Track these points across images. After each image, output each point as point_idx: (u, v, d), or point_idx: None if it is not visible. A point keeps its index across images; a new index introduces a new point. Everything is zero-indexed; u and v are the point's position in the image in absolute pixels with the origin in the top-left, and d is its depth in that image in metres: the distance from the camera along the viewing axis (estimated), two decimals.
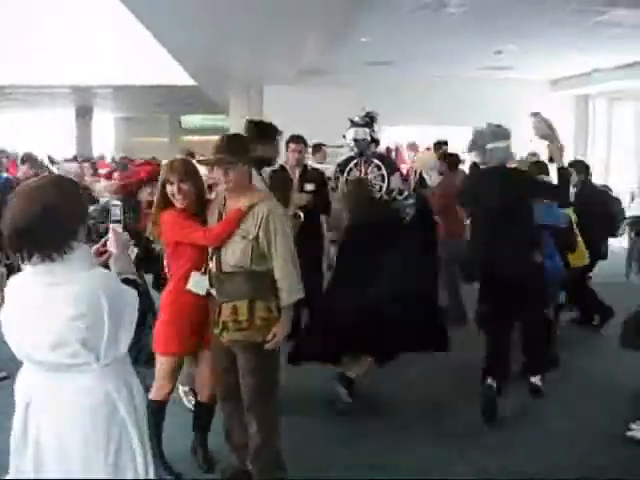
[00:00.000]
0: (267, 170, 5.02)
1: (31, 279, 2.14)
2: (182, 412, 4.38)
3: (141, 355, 3.49)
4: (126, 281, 2.30)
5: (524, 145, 9.11)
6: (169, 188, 3.52)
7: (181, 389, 4.65)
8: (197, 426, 3.95)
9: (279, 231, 3.29)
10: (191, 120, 24.42)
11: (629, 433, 4.24)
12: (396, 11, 8.61)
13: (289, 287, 3.31)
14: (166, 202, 3.57)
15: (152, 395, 3.64)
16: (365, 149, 6.00)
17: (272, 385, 3.46)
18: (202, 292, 3.49)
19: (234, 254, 3.32)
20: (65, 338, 2.07)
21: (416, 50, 11.11)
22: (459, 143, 13.23)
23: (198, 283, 3.49)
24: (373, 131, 6.09)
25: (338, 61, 11.92)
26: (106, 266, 2.37)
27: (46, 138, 20.22)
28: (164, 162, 3.93)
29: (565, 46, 10.76)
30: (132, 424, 2.22)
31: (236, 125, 14.23)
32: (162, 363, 3.65)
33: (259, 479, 3.48)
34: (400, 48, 10.93)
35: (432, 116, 13.62)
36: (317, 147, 9.04)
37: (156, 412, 3.58)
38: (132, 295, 2.23)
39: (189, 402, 4.60)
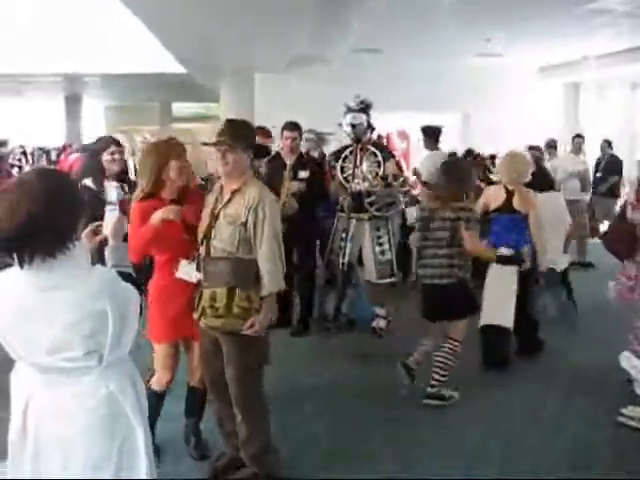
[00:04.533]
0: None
1: (24, 282, 2.00)
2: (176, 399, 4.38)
3: None
4: (122, 275, 2.23)
5: (514, 133, 9.19)
6: (174, 164, 3.47)
7: None
8: (189, 412, 3.92)
9: (267, 218, 3.27)
10: (182, 108, 24.28)
11: (620, 418, 4.29)
12: None
13: (271, 276, 3.27)
14: (154, 185, 3.50)
15: (152, 385, 3.65)
16: (362, 135, 5.99)
17: (253, 374, 3.42)
18: (191, 279, 3.47)
19: (222, 239, 3.31)
20: (65, 343, 2.00)
21: (406, 37, 11.11)
22: (449, 130, 13.23)
23: (186, 271, 3.49)
24: (369, 117, 6.10)
25: (329, 48, 11.90)
26: (100, 253, 2.28)
27: (35, 127, 20.07)
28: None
29: (555, 33, 10.80)
30: (138, 424, 2.18)
31: (227, 113, 14.18)
32: (158, 352, 3.66)
33: (251, 468, 3.49)
34: (391, 35, 10.93)
35: (422, 103, 13.64)
36: None
37: (155, 402, 3.56)
38: (134, 293, 2.17)
39: None
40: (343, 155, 6.07)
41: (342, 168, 6.03)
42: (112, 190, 2.74)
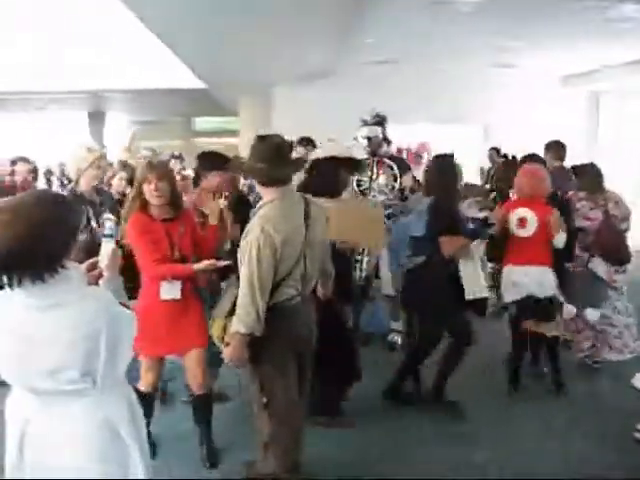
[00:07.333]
0: None
1: (20, 303, 2.00)
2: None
3: None
4: None
5: (535, 142, 9.09)
6: (146, 187, 3.63)
7: None
8: (197, 420, 4.01)
9: (246, 252, 3.15)
10: (204, 123, 24.50)
11: (637, 434, 4.20)
12: (402, 9, 8.60)
13: (237, 315, 3.18)
14: (141, 203, 3.67)
15: (139, 386, 3.85)
16: (377, 148, 5.97)
17: (264, 399, 3.41)
18: (176, 297, 3.68)
19: None
20: (62, 364, 1.99)
21: (424, 49, 11.07)
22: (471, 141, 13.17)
23: (167, 290, 3.67)
24: (385, 130, 6.07)
25: (345, 61, 11.91)
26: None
27: (59, 144, 20.31)
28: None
29: (575, 42, 10.69)
30: (134, 447, 2.18)
31: (245, 127, 14.29)
32: (143, 361, 3.85)
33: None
34: (408, 47, 10.90)
35: (442, 115, 13.58)
36: None
37: (143, 403, 3.78)
38: (129, 316, 2.18)
39: None
40: None
41: (358, 181, 6.01)
42: (108, 222, 2.81)
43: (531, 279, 4.74)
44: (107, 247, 2.45)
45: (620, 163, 13.70)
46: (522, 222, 4.75)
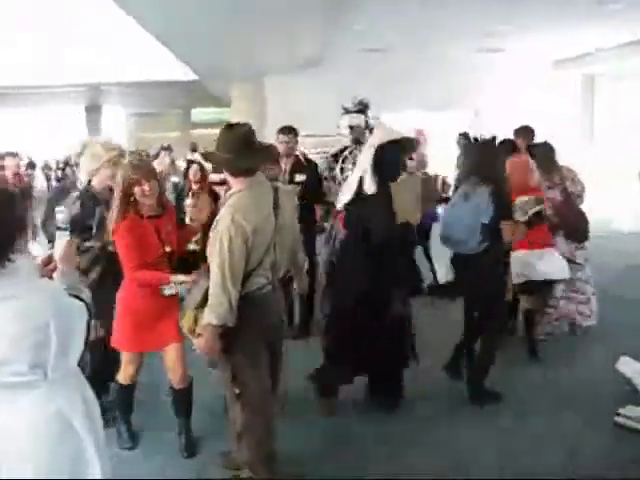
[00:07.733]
0: None
1: None
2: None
3: None
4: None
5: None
6: (138, 189, 3.59)
7: None
8: (177, 412, 4.01)
9: (217, 242, 3.12)
10: (201, 114, 24.51)
11: (618, 419, 4.20)
12: None
13: (209, 306, 3.15)
14: (130, 203, 3.63)
15: (119, 378, 3.91)
16: (360, 136, 5.93)
17: (236, 390, 3.39)
18: (173, 293, 3.67)
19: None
20: (8, 357, 1.99)
21: (412, 36, 11.02)
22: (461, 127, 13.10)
23: (167, 289, 3.67)
24: (367, 118, 6.03)
25: (335, 49, 11.87)
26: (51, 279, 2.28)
27: (56, 137, 20.34)
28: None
29: (566, 25, 10.63)
30: (90, 438, 2.17)
31: (238, 117, 14.26)
32: (123, 355, 3.88)
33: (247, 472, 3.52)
34: (395, 34, 10.85)
35: (432, 101, 13.53)
36: None
37: (123, 395, 3.95)
38: (79, 307, 2.17)
39: None
40: (342, 156, 6.03)
41: (342, 169, 5.98)
42: (61, 215, 2.78)
43: (543, 261, 5.07)
44: (61, 240, 2.43)
45: (617, 146, 13.65)
46: None
